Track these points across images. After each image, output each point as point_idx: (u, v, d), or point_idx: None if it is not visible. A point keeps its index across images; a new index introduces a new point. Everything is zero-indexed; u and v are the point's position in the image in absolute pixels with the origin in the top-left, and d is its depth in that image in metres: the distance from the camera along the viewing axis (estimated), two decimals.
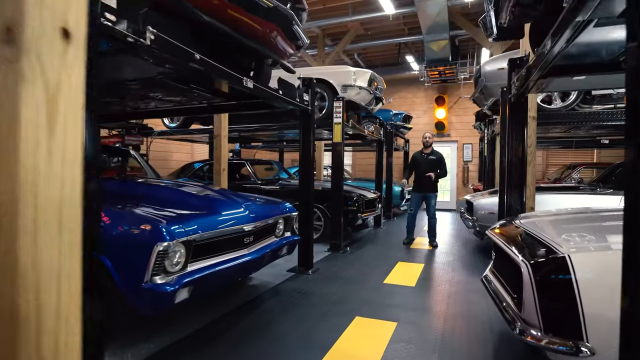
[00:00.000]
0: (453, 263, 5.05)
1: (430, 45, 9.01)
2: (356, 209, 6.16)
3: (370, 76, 6.31)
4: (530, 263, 1.53)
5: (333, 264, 4.83)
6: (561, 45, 2.04)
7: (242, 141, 10.97)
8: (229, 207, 3.01)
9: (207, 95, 3.62)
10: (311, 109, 4.38)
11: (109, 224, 2.35)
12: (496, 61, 5.30)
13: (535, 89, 3.06)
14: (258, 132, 7.09)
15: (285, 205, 3.77)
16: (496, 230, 2.30)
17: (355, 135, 7.81)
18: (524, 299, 1.54)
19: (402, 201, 10.18)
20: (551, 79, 2.73)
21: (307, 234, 4.49)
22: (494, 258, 2.36)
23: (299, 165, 4.52)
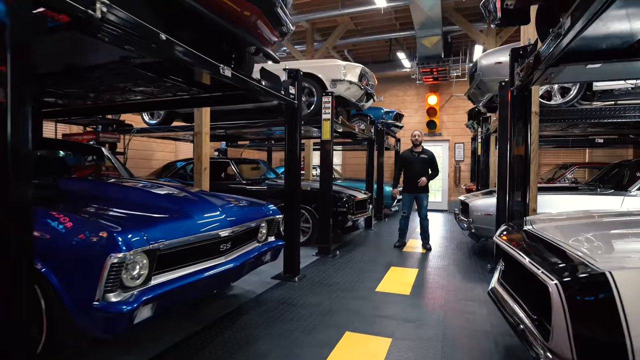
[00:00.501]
0: (448, 267, 4.78)
1: (422, 42, 8.75)
2: (346, 211, 5.85)
3: (360, 71, 6.01)
4: (561, 282, 1.24)
5: (321, 270, 4.51)
6: (583, 22, 1.75)
7: (228, 140, 10.61)
8: (203, 210, 2.67)
9: (183, 86, 3.27)
10: (297, 103, 4.06)
11: (56, 232, 1.99)
12: (493, 55, 5.04)
13: (542, 79, 2.78)
14: (244, 129, 6.73)
15: (269, 208, 3.44)
16: (505, 237, 2.01)
17: (345, 134, 7.50)
18: (554, 325, 1.25)
19: (393, 202, 9.90)
20: (562, 67, 2.45)
21: (293, 238, 4.16)
22: (502, 268, 2.07)
23: (284, 163, 4.20)
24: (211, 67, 2.68)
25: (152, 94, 3.53)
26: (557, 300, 1.23)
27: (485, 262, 5.00)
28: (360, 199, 6.35)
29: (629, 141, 8.57)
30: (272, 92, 3.55)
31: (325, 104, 5.18)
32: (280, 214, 3.54)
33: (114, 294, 1.90)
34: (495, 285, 2.09)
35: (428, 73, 9.85)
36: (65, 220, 2.04)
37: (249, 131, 7.49)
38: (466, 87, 11.78)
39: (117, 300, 1.90)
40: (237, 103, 4.22)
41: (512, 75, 3.32)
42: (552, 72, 2.62)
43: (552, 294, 1.25)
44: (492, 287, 2.11)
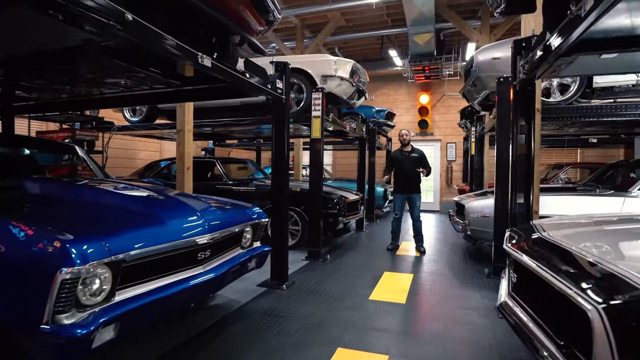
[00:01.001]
0: (444, 272, 4.56)
1: (414, 39, 8.55)
2: (337, 212, 5.60)
3: (352, 66, 5.77)
4: (607, 307, 1.01)
5: (311, 276, 4.25)
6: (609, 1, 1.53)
7: (215, 139, 10.30)
8: (178, 214, 2.40)
9: (159, 78, 2.99)
10: (285, 98, 3.80)
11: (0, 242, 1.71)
12: (490, 50, 4.84)
13: (549, 72, 2.57)
14: (231, 127, 6.44)
15: (254, 210, 3.17)
16: (517, 246, 1.78)
17: (335, 132, 7.26)
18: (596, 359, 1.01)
19: (384, 202, 9.69)
20: (575, 56, 2.24)
21: (280, 242, 3.90)
22: (514, 280, 1.84)
23: (271, 162, 3.93)
24: (188, 55, 2.41)
25: (127, 86, 3.24)
26: (601, 329, 1.00)
27: (482, 266, 4.80)
28: (351, 200, 6.11)
29: (621, 141, 8.50)
30: (257, 85, 3.29)
31: (315, 100, 4.92)
32: (266, 217, 3.27)
33: (67, 315, 1.62)
34: (505, 299, 1.86)
35: (420, 71, 9.67)
36: (14, 228, 1.75)
37: (236, 129, 7.21)
38: (458, 86, 11.67)
39: (70, 323, 1.61)
40: (221, 98, 3.94)
41: (514, 69, 3.11)
42: (562, 63, 2.41)
43: (594, 321, 1.02)
44: (502, 301, 1.88)
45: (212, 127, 6.29)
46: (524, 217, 3.18)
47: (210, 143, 10.81)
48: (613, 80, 4.52)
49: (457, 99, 11.69)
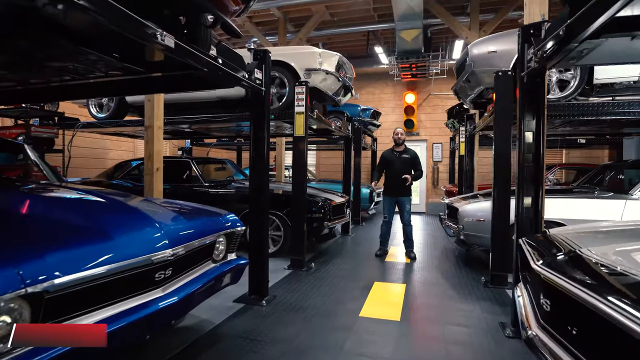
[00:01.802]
0: (438, 281, 4.22)
1: (401, 35, 8.24)
2: (322, 216, 5.21)
3: (338, 60, 5.39)
4: None
5: (294, 288, 3.84)
6: None
7: (193, 137, 9.76)
8: (131, 226, 1.96)
9: (113, 61, 2.53)
10: (265, 90, 3.38)
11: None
12: (486, 43, 4.54)
13: (567, 59, 2.25)
14: (208, 124, 5.96)
15: (227, 218, 2.75)
16: (558, 268, 1.42)
17: (320, 131, 6.88)
18: None
19: (371, 204, 9.36)
20: (604, 38, 1.91)
21: (260, 252, 3.48)
22: (547, 308, 1.48)
23: (249, 162, 3.51)
24: (142, 32, 1.97)
25: (78, 72, 2.76)
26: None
27: (476, 274, 4.49)
28: (337, 203, 5.72)
29: (606, 142, 8.40)
30: (232, 74, 2.86)
31: (299, 95, 4.52)
32: (242, 225, 2.85)
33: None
34: (536, 332, 1.50)
35: (407, 69, 9.38)
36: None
37: (214, 127, 6.72)
38: (445, 85, 11.47)
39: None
40: (192, 89, 3.51)
41: (522, 59, 2.79)
42: (586, 48, 2.08)
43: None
44: (531, 334, 1.52)
45: (188, 124, 5.81)
46: (531, 223, 2.87)
47: (188, 142, 10.27)
48: (615, 77, 4.27)
49: (444, 98, 11.49)
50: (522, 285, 2.16)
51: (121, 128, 6.06)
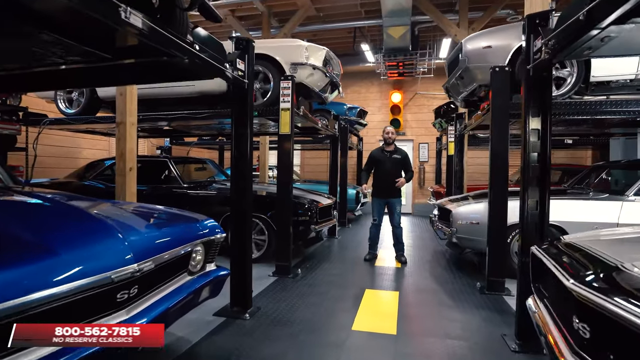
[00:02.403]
0: (432, 288, 4.00)
1: (389, 32, 8.03)
2: (309, 219, 4.93)
3: (325, 54, 5.12)
4: None
5: (280, 298, 3.55)
6: None
7: (172, 136, 9.36)
8: (85, 239, 1.65)
9: (73, 45, 2.19)
10: (248, 82, 3.08)
11: None
12: (481, 38, 4.34)
13: (583, 48, 2.04)
14: (188, 121, 5.60)
15: (205, 224, 2.44)
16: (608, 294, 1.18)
17: (305, 130, 6.60)
18: None
19: (357, 206, 9.14)
20: (632, 22, 1.70)
21: (243, 260, 3.18)
22: (587, 334, 1.25)
23: (230, 161, 3.21)
24: (102, 4, 1.66)
25: (33, 57, 2.41)
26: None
27: (470, 279, 4.30)
28: (324, 204, 5.46)
29: (590, 142, 8.39)
30: (211, 63, 2.55)
31: (285, 90, 4.24)
32: (222, 231, 2.55)
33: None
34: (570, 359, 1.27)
35: (394, 67, 9.18)
36: None
37: (194, 125, 6.36)
38: (431, 84, 11.34)
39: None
40: (166, 79, 3.19)
41: (528, 50, 2.58)
42: (609, 35, 1.87)
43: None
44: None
45: (166, 121, 5.45)
46: (536, 227, 2.67)
47: (167, 141, 9.84)
48: (612, 74, 4.14)
49: (430, 98, 11.38)
50: (538, 300, 1.94)
51: (93, 125, 5.66)
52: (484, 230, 4.25)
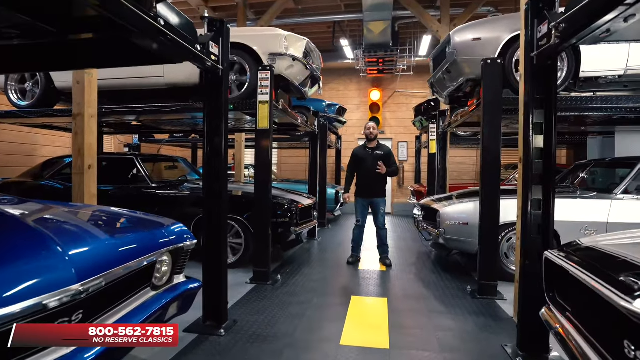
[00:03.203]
0: (422, 293, 3.77)
1: (369, 27, 7.81)
2: (288, 221, 4.61)
3: (306, 45, 4.82)
4: None
5: (259, 308, 3.23)
6: None
7: (142, 133, 8.83)
8: (11, 254, 1.28)
9: None
10: (223, 69, 2.74)
11: None
12: (470, 30, 4.14)
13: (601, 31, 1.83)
14: (156, 115, 5.15)
15: (172, 229, 2.10)
16: None
17: (283, 126, 6.26)
18: None
19: (337, 206, 8.89)
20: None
21: (217, 268, 2.83)
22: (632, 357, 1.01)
23: (203, 158, 2.86)
24: None
25: None
26: None
27: (459, 282, 4.11)
28: (305, 205, 5.15)
29: (565, 141, 8.45)
30: (180, 42, 2.21)
31: (263, 81, 3.91)
32: (193, 237, 2.21)
33: None
34: None
35: (374, 64, 8.98)
36: None
37: (166, 120, 5.90)
38: (410, 83, 11.22)
39: None
40: (129, 63, 2.79)
41: (531, 36, 2.37)
42: (633, 14, 1.66)
43: None
44: None
45: (133, 114, 4.99)
46: (539, 229, 2.46)
47: (136, 138, 9.28)
48: (602, 70, 4.03)
49: (409, 96, 11.26)
50: (557, 313, 1.71)
51: (49, 119, 5.14)
52: (473, 231, 4.07)
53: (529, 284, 2.44)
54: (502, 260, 4.03)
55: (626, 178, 4.18)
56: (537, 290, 2.43)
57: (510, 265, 4.06)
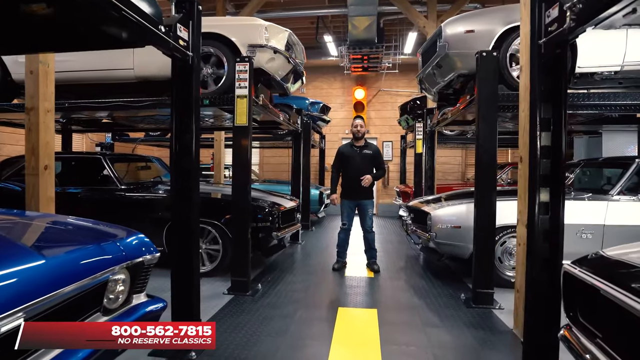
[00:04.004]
0: (414, 302, 3.51)
1: (354, 22, 7.57)
2: (270, 225, 4.30)
3: (288, 37, 4.51)
4: None
5: (237, 325, 2.90)
6: None
7: (114, 131, 8.36)
8: None
9: None
10: (193, 55, 2.41)
11: None
12: (463, 21, 3.91)
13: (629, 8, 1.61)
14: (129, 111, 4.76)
15: (129, 242, 1.77)
16: None
17: (264, 124, 5.94)
18: None
19: (320, 207, 8.59)
20: None
21: (187, 285, 2.49)
22: None
23: (170, 157, 2.52)
24: None
25: None
26: None
27: (451, 288, 3.88)
28: (287, 208, 4.84)
29: None
30: (140, 20, 1.87)
31: (241, 73, 3.59)
32: (155, 250, 1.88)
33: None
34: None
35: (358, 61, 8.74)
36: None
37: (139, 116, 5.49)
38: (395, 81, 11.01)
39: None
40: (84, 45, 2.45)
41: (539, 21, 2.14)
42: None
43: None
44: None
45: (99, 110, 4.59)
46: (547, 234, 2.24)
47: (108, 137, 8.79)
48: (598, 65, 3.86)
49: (394, 95, 11.07)
50: (583, 338, 1.45)
51: (3, 114, 4.68)
52: (466, 234, 3.86)
53: (536, 298, 2.20)
54: (496, 266, 3.81)
55: (622, 178, 4.03)
56: (544, 305, 2.21)
57: (505, 270, 3.86)
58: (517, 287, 2.82)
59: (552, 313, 2.15)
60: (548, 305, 2.17)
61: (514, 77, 3.81)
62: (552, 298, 2.15)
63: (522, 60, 2.77)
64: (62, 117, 6.03)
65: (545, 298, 2.18)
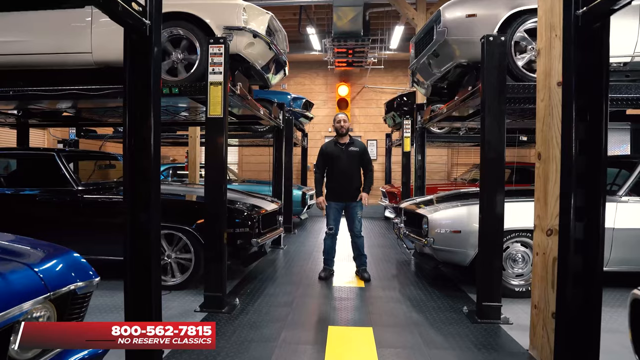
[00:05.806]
0: (412, 318, 3.12)
1: (339, 13, 7.15)
2: (249, 230, 3.82)
3: (269, 21, 4.06)
4: None
5: (208, 353, 2.43)
6: None
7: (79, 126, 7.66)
8: None
9: None
10: (152, 25, 1.93)
11: None
12: (463, 4, 3.54)
13: None
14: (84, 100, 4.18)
15: (50, 267, 1.28)
16: None
17: (243, 119, 5.44)
18: None
19: (303, 208, 8.14)
20: None
21: (143, 302, 2.01)
22: None
23: (123, 154, 2.03)
24: None
25: None
26: None
27: (451, 300, 3.51)
28: (269, 211, 4.38)
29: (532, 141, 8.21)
30: None
31: (215, 57, 3.10)
32: (95, 274, 1.40)
33: None
34: None
35: (343, 55, 8.34)
36: None
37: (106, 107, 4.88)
38: (379, 78, 10.62)
39: None
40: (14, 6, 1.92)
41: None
42: None
43: None
44: None
45: (48, 99, 3.98)
46: (585, 245, 1.87)
47: (72, 133, 8.08)
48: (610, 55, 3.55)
49: (379, 92, 10.73)
50: None
51: None
52: (467, 240, 3.51)
53: (571, 322, 1.83)
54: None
55: (629, 178, 3.76)
56: (578, 329, 1.85)
57: (509, 279, 3.52)
58: (534, 302, 2.46)
59: (589, 343, 1.79)
60: (584, 334, 1.81)
61: (519, 67, 3.47)
62: (590, 324, 1.79)
63: (541, 42, 2.40)
64: (17, 109, 5.40)
65: (581, 324, 1.82)
